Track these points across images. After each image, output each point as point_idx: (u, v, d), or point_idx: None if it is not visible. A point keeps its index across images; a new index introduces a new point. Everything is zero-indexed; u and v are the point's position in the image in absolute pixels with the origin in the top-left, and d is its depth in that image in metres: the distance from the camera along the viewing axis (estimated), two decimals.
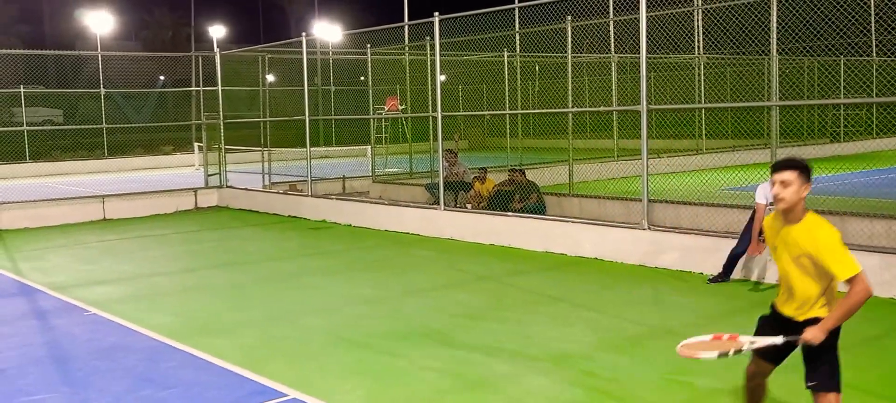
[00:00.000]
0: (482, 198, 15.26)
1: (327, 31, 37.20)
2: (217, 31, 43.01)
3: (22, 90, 31.87)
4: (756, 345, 4.68)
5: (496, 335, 7.80)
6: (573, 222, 12.35)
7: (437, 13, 13.79)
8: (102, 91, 30.26)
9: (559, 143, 21.14)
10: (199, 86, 23.92)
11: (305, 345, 7.62)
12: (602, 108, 19.89)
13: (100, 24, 36.05)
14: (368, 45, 20.90)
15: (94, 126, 31.98)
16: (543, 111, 23.52)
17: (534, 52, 21.94)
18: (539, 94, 25.88)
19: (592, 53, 22.67)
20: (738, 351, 4.60)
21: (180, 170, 29.48)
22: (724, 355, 4.58)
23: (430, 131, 17.59)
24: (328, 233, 14.98)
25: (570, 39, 16.85)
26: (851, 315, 4.44)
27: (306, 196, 17.43)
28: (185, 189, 19.48)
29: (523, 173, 15.37)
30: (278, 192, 18.56)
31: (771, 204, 5.07)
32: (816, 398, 4.58)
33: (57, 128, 35.53)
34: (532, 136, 27.15)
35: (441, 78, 14.25)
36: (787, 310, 4.67)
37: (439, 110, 14.13)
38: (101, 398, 6.27)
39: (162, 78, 43.54)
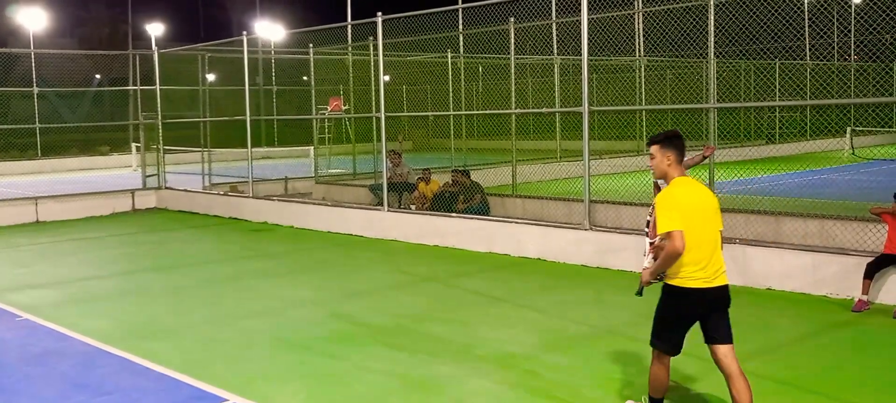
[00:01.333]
0: (426, 200, 15.25)
1: (269, 30, 36.76)
2: (156, 29, 42.13)
3: None
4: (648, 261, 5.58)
5: (440, 336, 7.79)
6: (516, 223, 12.42)
7: (380, 13, 13.74)
8: (36, 89, 29.46)
9: (503, 144, 21.26)
10: (137, 85, 23.41)
11: (246, 349, 7.50)
12: (545, 110, 20.07)
13: (33, 20, 35.04)
14: (311, 45, 20.72)
15: (27, 126, 31.07)
16: (487, 112, 23.64)
17: (477, 53, 22.02)
18: (483, 95, 26.00)
19: (535, 55, 22.85)
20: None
21: (117, 171, 28.82)
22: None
23: (374, 132, 17.52)
24: (270, 235, 14.79)
25: (512, 41, 16.96)
26: (664, 266, 5.06)
27: (248, 197, 17.19)
28: (123, 190, 19.04)
29: (467, 174, 15.41)
30: (219, 194, 18.27)
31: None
32: (654, 353, 5.33)
33: None
34: (476, 137, 27.23)
35: (385, 78, 14.20)
36: None
37: (383, 111, 14.08)
38: None
39: (98, 76, 42.52)
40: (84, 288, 10.40)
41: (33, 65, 29.57)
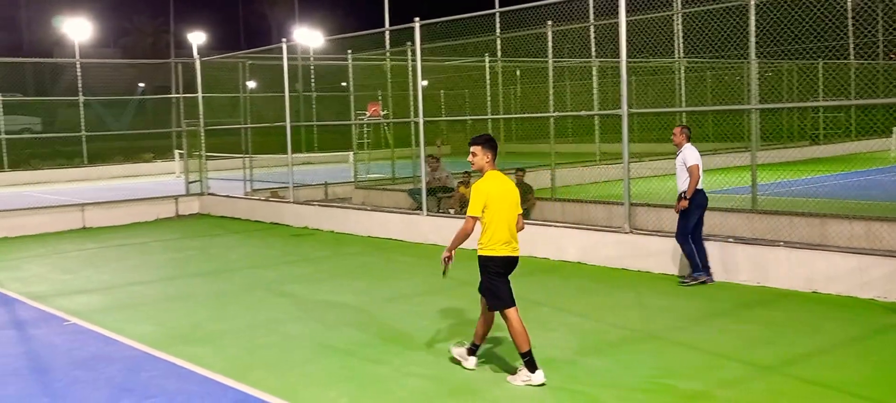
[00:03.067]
0: (466, 203, 15.25)
1: (308, 37, 37.08)
2: (197, 38, 42.75)
3: (0, 98, 31.56)
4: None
5: None
6: (556, 226, 12.37)
7: (417, 18, 13.79)
8: (82, 98, 30.03)
9: (541, 148, 21.19)
10: (179, 93, 23.76)
11: (289, 353, 7.58)
12: (584, 113, 19.94)
13: (78, 31, 35.73)
14: (349, 51, 20.86)
15: (74, 134, 31.73)
16: (525, 115, 23.58)
17: (514, 57, 21.98)
18: (521, 99, 25.94)
19: (573, 58, 22.74)
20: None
21: (161, 178, 29.27)
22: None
23: (412, 137, 17.55)
24: (310, 240, 14.92)
25: (550, 44, 16.90)
26: (458, 241, 6.54)
27: (288, 202, 17.36)
28: (166, 196, 19.34)
29: (524, 172, 15.34)
30: (260, 199, 18.47)
31: None
32: (503, 316, 6.51)
33: (35, 135, 35.21)
34: (514, 141, 27.19)
35: (423, 83, 14.24)
36: None
37: (421, 115, 14.13)
38: None
39: (142, 85, 43.26)
40: (129, 293, 10.59)
41: (79, 74, 30.15)
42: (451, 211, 15.41)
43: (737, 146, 22.89)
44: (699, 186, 9.73)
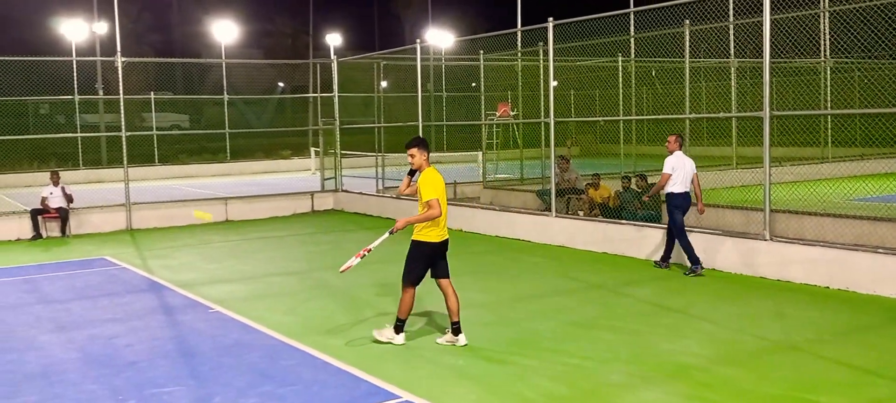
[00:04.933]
0: (595, 205, 15.07)
1: (440, 38, 37.57)
2: (334, 39, 44.12)
3: (152, 96, 33.62)
4: (375, 244, 7.88)
5: (609, 344, 7.69)
6: (689, 231, 12.01)
7: (551, 19, 13.73)
8: (226, 97, 31.54)
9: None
10: (316, 92, 24.58)
11: (417, 349, 7.72)
12: (722, 114, 19.28)
13: (224, 33, 37.56)
14: (481, 51, 21.00)
15: (218, 131, 33.41)
16: (659, 116, 23.01)
17: (647, 57, 21.51)
18: (652, 100, 25.36)
19: (711, 58, 22.03)
20: (369, 250, 7.84)
21: (298, 174, 30.38)
22: (362, 256, 7.85)
23: (542, 137, 17.49)
24: None
25: (687, 44, 16.45)
26: (425, 220, 7.59)
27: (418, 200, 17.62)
28: (303, 192, 20.07)
29: (645, 178, 15.09)
30: (391, 197, 18.87)
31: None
32: (404, 289, 7.74)
33: (184, 132, 37.28)
34: (646, 143, 26.61)
35: (553, 83, 14.16)
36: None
37: (552, 116, 14.06)
38: (226, 392, 6.54)
39: (281, 85, 45.02)
40: (268, 284, 11.06)
41: (224, 74, 31.69)
42: (581, 213, 15.25)
43: (888, 151, 21.56)
44: (680, 190, 10.98)
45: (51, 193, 16.02)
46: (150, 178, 28.47)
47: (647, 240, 12.21)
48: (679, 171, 11.01)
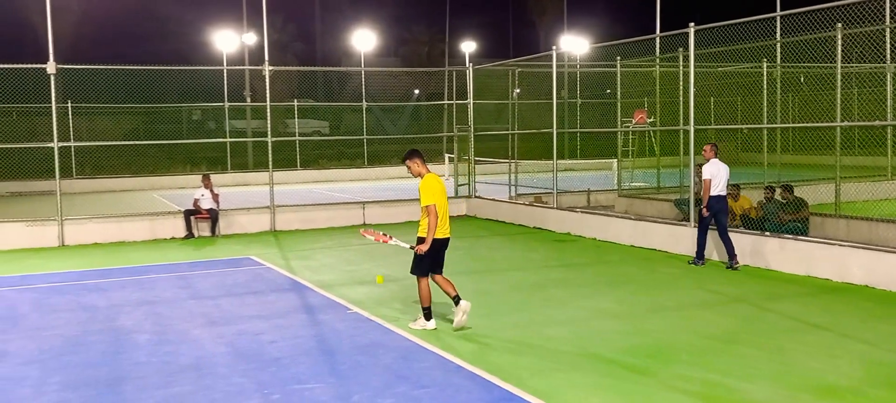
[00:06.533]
0: (735, 216, 14.54)
1: (575, 45, 37.27)
2: (469, 47, 44.58)
3: (295, 103, 35.02)
4: (400, 243, 9.12)
5: (751, 360, 7.41)
6: (840, 245, 11.41)
7: (692, 24, 13.38)
8: (364, 104, 32.45)
9: (820, 160, 19.69)
10: (451, 99, 24.91)
11: (552, 357, 7.69)
12: (877, 123, 18.17)
13: (363, 42, 38.63)
14: (618, 58, 20.68)
15: (356, 137, 34.40)
16: (807, 124, 21.94)
17: (793, 62, 20.54)
18: (800, 107, 24.21)
19: (863, 63, 20.82)
20: (389, 241, 9.16)
21: None
22: (380, 240, 9.22)
23: (681, 145, 17.02)
24: (573, 246, 15.00)
25: (839, 48, 15.62)
26: (430, 227, 8.44)
27: (551, 208, 17.57)
28: None
29: (791, 189, 14.49)
30: (524, 204, 18.87)
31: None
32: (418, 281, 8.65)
33: (323, 138, 38.63)
34: (791, 152, 25.43)
35: (693, 90, 13.78)
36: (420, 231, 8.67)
37: (692, 123, 13.69)
38: (363, 390, 6.73)
39: (417, 92, 45.89)
40: (403, 287, 11.28)
41: (363, 82, 32.62)
42: None
43: None
44: (720, 193, 12.18)
45: (202, 195, 17.02)
46: (292, 182, 29.65)
47: (792, 254, 11.68)
48: (717, 177, 12.18)
